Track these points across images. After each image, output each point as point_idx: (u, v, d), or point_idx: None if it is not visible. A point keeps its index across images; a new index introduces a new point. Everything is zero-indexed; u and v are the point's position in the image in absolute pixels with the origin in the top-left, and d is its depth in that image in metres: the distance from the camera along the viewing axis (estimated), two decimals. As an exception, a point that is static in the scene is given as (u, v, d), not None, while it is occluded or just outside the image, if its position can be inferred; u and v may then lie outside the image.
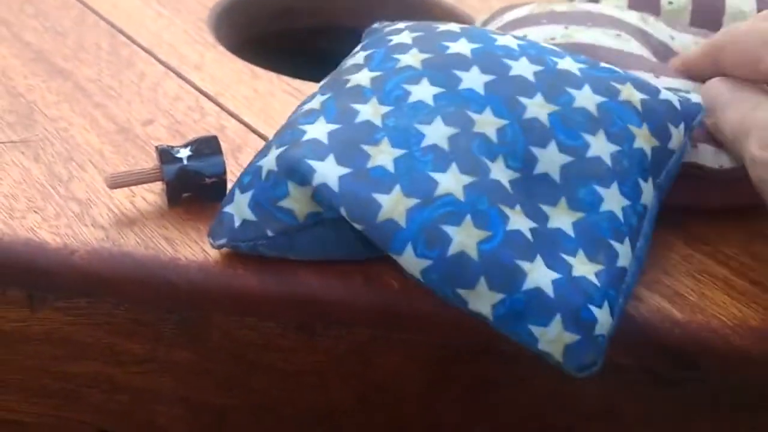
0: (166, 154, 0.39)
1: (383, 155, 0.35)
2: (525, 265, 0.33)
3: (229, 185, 0.40)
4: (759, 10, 0.55)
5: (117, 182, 0.39)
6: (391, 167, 0.35)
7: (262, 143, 0.46)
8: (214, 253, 0.37)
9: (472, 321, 0.35)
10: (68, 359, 0.40)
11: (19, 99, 0.48)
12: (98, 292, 0.37)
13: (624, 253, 0.35)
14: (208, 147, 0.39)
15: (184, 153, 0.39)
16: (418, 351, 0.38)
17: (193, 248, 0.38)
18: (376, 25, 0.46)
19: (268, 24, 0.68)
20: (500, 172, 0.35)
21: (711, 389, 0.39)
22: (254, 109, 0.50)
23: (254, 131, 0.47)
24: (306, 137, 0.36)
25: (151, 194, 0.41)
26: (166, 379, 0.40)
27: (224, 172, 0.40)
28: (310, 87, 0.53)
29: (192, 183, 0.39)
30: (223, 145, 0.45)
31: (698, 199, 0.43)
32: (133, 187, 0.41)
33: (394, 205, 0.34)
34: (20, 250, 0.37)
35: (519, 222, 0.34)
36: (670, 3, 0.57)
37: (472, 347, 0.38)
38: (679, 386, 0.38)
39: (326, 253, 0.37)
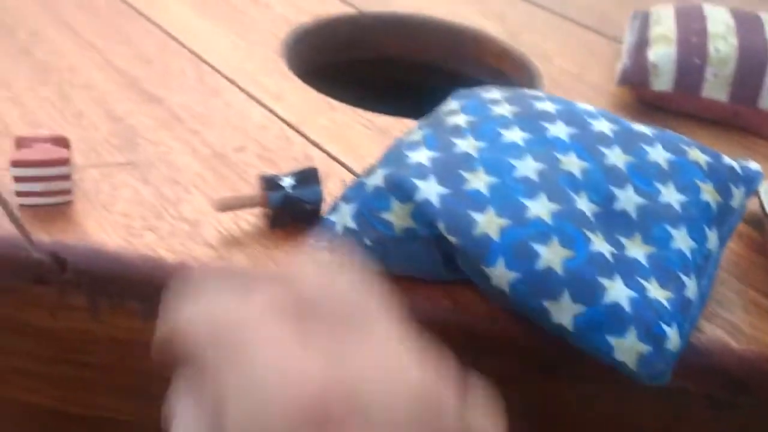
0: (270, 182, 0.43)
1: (479, 180, 0.39)
2: (605, 281, 0.37)
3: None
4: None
5: (224, 206, 0.43)
6: (486, 191, 0.39)
7: (346, 172, 0.50)
8: (314, 274, 0.41)
9: (548, 343, 0.38)
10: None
11: (120, 123, 0.52)
12: (209, 305, 0.41)
13: (691, 287, 0.39)
14: (310, 177, 0.43)
15: (288, 182, 0.43)
16: (496, 371, 0.42)
17: (296, 269, 0.42)
18: (462, 90, 0.51)
19: (333, 55, 0.73)
20: (584, 204, 0.39)
21: (762, 412, 0.42)
22: (334, 139, 0.54)
23: (336, 160, 0.51)
24: (410, 161, 0.41)
25: (253, 216, 0.45)
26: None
27: (322, 200, 0.44)
28: (384, 120, 0.57)
29: (293, 209, 0.43)
30: (311, 173, 0.49)
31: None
32: (236, 210, 0.45)
33: (487, 222, 0.38)
34: (140, 266, 0.41)
35: (600, 245, 0.38)
36: (717, 51, 0.61)
37: (546, 368, 0.42)
38: (734, 409, 0.42)
39: (414, 268, 0.41)
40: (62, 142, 0.44)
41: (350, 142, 0.53)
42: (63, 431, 0.49)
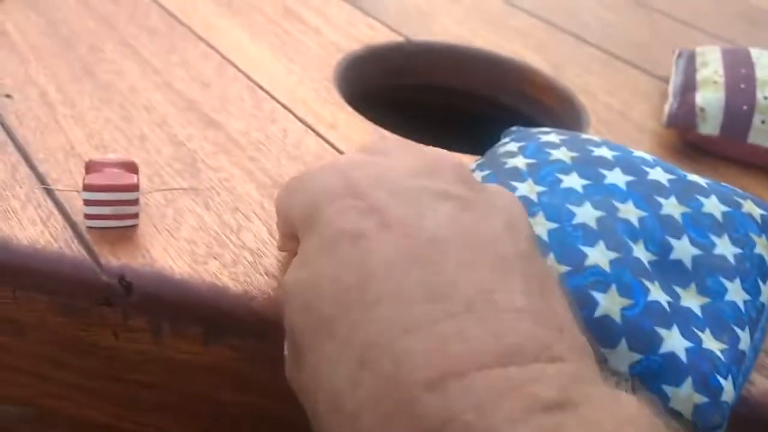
0: None
1: (539, 226, 0.40)
2: (662, 331, 0.38)
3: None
4: None
5: None
6: (545, 237, 0.40)
7: (399, 205, 0.51)
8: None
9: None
10: (228, 390, 0.45)
11: (181, 147, 0.53)
12: (269, 334, 0.42)
13: (744, 339, 0.40)
14: None
15: None
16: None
17: (355, 302, 0.43)
18: (514, 128, 0.52)
19: (381, 81, 0.74)
20: (641, 253, 0.40)
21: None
22: (387, 171, 0.55)
23: (390, 193, 0.52)
24: None
25: (312, 248, 0.46)
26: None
27: None
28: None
29: None
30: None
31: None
32: (296, 241, 0.46)
33: None
34: (205, 293, 0.42)
35: (658, 294, 0.39)
36: (766, 98, 0.62)
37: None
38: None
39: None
40: (131, 167, 0.46)
41: (403, 175, 0.55)
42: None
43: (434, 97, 0.78)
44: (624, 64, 0.80)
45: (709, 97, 0.63)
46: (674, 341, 0.37)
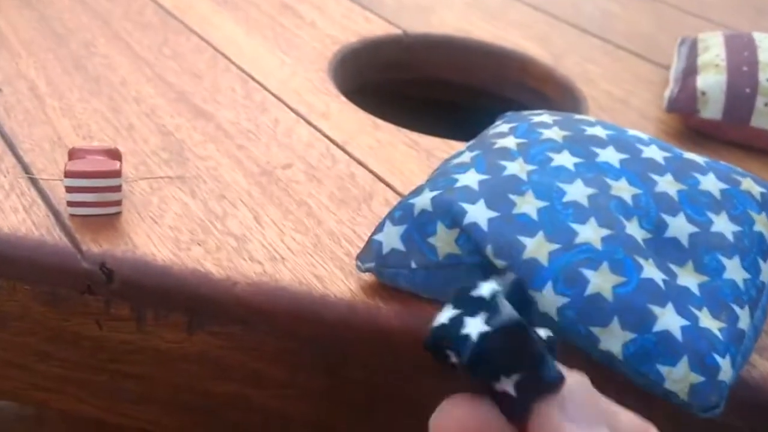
0: None
1: (528, 205, 0.39)
2: (656, 309, 0.36)
3: (361, 231, 0.44)
4: None
5: None
6: (535, 215, 0.39)
7: (390, 192, 0.50)
8: (359, 292, 0.41)
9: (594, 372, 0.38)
10: (213, 379, 0.44)
11: (170, 137, 0.53)
12: (253, 321, 0.41)
13: (744, 318, 0.38)
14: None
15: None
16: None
17: (340, 286, 0.42)
18: (509, 113, 0.51)
19: (377, 75, 0.73)
20: (635, 230, 0.39)
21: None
22: (379, 158, 0.54)
23: (381, 180, 0.51)
24: (458, 184, 0.40)
25: (299, 234, 0.45)
26: (302, 404, 0.43)
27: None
28: (428, 140, 0.57)
29: None
30: (356, 192, 0.49)
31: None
32: (281, 227, 0.45)
33: (537, 247, 0.37)
34: (187, 279, 0.41)
35: (652, 272, 0.37)
36: (767, 105, 0.60)
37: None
38: (784, 447, 0.41)
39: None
40: (114, 154, 0.45)
41: (394, 162, 0.54)
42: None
43: (433, 90, 0.77)
44: (627, 53, 0.79)
45: (711, 80, 0.61)
46: (669, 319, 0.36)
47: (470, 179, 0.41)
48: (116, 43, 0.64)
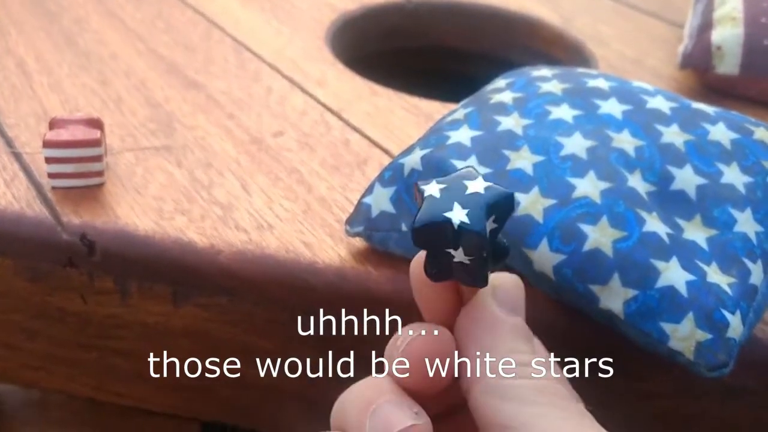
0: None
1: (523, 160, 0.37)
2: (659, 264, 0.34)
3: (353, 197, 0.42)
4: None
5: None
6: (530, 170, 0.36)
7: (386, 157, 0.48)
8: (348, 258, 0.39)
9: (603, 335, 0.35)
10: (203, 354, 0.42)
11: (158, 109, 0.51)
12: (240, 291, 0.40)
13: (756, 273, 0.35)
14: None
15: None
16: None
17: (329, 253, 0.40)
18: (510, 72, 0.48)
19: (379, 43, 0.71)
20: (637, 183, 0.36)
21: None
22: (376, 124, 0.52)
23: (377, 145, 0.49)
24: (450, 141, 0.38)
25: (287, 201, 0.43)
26: (294, 378, 0.42)
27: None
28: (428, 104, 0.54)
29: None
30: (349, 158, 0.47)
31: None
32: (270, 194, 0.43)
33: (532, 203, 0.35)
34: (170, 249, 0.40)
35: (655, 225, 0.35)
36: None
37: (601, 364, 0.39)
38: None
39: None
40: (96, 123, 0.44)
41: (392, 127, 0.51)
42: (97, 421, 0.49)
43: (438, 58, 0.74)
44: (640, 13, 0.75)
45: (727, 33, 0.58)
46: (673, 274, 0.33)
47: (462, 135, 0.39)
48: (110, 20, 0.63)
